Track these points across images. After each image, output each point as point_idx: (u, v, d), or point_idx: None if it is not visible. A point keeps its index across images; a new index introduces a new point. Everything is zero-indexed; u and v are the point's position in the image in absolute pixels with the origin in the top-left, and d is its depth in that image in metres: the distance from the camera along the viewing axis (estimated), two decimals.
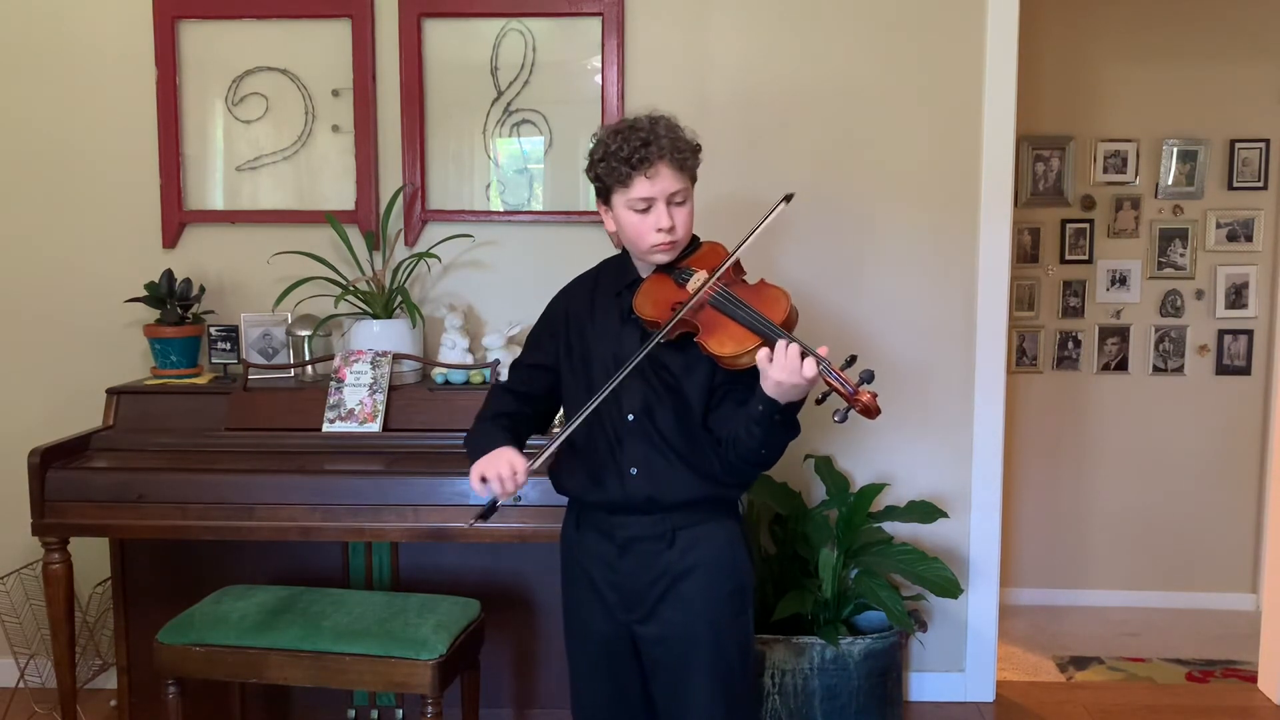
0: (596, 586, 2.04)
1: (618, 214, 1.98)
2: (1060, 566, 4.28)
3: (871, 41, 3.19)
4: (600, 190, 2.00)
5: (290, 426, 2.91)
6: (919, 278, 3.26)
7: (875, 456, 3.31)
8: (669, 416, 1.96)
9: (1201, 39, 4.06)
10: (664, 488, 1.96)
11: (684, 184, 1.96)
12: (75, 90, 3.28)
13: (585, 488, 2.02)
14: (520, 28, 3.23)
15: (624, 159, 1.90)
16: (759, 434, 1.84)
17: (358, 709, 2.97)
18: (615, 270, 2.10)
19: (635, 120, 1.96)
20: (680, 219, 1.95)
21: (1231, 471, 4.21)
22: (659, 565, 1.98)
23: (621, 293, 2.03)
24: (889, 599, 2.89)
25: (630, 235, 1.98)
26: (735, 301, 1.89)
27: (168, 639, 2.51)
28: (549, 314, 2.15)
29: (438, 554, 2.98)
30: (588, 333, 2.03)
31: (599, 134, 1.99)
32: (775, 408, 1.80)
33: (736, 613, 2.03)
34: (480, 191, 3.31)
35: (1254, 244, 4.14)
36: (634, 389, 1.96)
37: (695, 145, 1.98)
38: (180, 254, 3.31)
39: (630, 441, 1.97)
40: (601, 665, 2.07)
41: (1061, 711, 3.32)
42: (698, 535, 1.99)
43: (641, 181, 1.91)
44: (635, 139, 1.91)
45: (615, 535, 2.01)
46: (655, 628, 2.00)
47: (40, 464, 2.69)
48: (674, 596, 1.98)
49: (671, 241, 1.95)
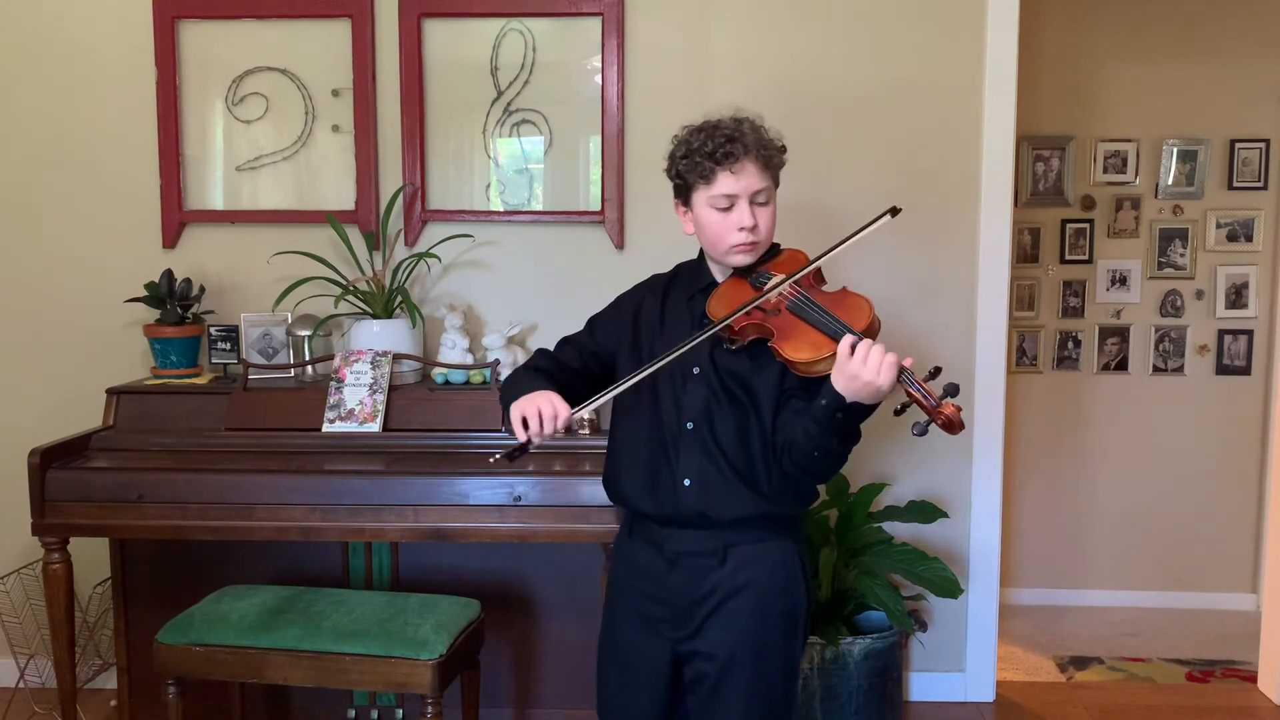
0: (641, 599, 1.99)
1: (698, 213, 1.94)
2: (1060, 566, 4.28)
3: (871, 41, 3.20)
4: (680, 189, 1.96)
5: (290, 426, 2.91)
6: (919, 278, 3.26)
7: (875, 456, 3.31)
8: (729, 427, 1.90)
9: (1201, 39, 4.07)
10: (716, 503, 1.90)
11: (768, 183, 1.92)
12: (75, 90, 3.28)
13: (637, 496, 1.97)
14: (520, 28, 3.23)
15: (709, 154, 1.87)
16: (816, 433, 1.78)
17: (358, 709, 2.97)
18: (691, 273, 2.05)
19: (719, 119, 1.93)
20: (763, 219, 1.92)
21: (1231, 471, 4.21)
22: (709, 582, 1.92)
23: (695, 296, 1.99)
24: (889, 599, 2.89)
25: (710, 235, 1.93)
26: (814, 306, 1.85)
27: (168, 639, 2.51)
28: (619, 305, 2.11)
29: (438, 554, 2.98)
30: (656, 335, 1.99)
31: (680, 133, 1.96)
32: (839, 404, 1.73)
33: (787, 636, 1.96)
34: (480, 191, 3.31)
35: (1254, 244, 4.14)
36: (697, 395, 1.92)
37: (781, 145, 1.95)
38: (180, 254, 3.31)
39: (687, 451, 1.92)
40: (633, 679, 2.01)
41: (1061, 711, 3.32)
42: (752, 553, 1.93)
43: (726, 177, 1.87)
44: (720, 135, 1.88)
45: (664, 548, 1.95)
46: (701, 644, 1.94)
47: (40, 464, 2.69)
48: (723, 614, 1.92)
49: (753, 242, 1.91)
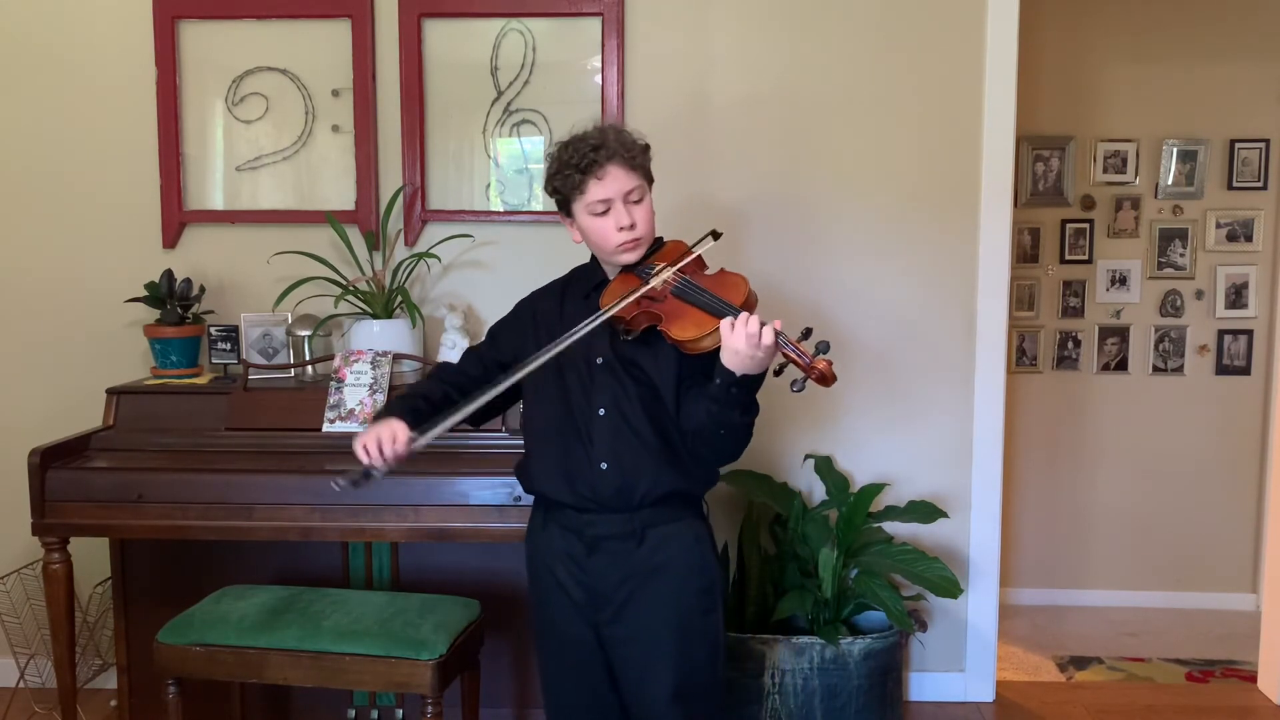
0: (564, 585, 2.06)
1: (581, 223, 2.04)
2: (1060, 566, 4.28)
3: (871, 41, 3.19)
4: (561, 203, 2.06)
5: (290, 426, 2.91)
6: (919, 278, 3.26)
7: (875, 456, 3.31)
8: (639, 409, 1.99)
9: (1201, 39, 4.07)
10: (633, 479, 1.98)
11: (638, 182, 2.02)
12: (75, 90, 3.28)
13: (555, 486, 2.04)
14: (520, 28, 3.23)
15: (575, 165, 1.98)
16: (715, 411, 1.88)
17: (358, 709, 2.96)
18: (584, 275, 2.17)
19: (584, 131, 2.03)
20: (640, 216, 2.01)
21: (1231, 471, 4.21)
22: (628, 564, 2.01)
23: (590, 294, 2.08)
24: (889, 599, 2.89)
25: (596, 240, 2.04)
26: (696, 288, 1.94)
27: (168, 639, 2.51)
28: (516, 313, 2.21)
29: (438, 554, 2.98)
30: (557, 334, 2.04)
31: (551, 150, 2.06)
32: (732, 379, 1.83)
33: (706, 611, 2.05)
34: (480, 191, 3.31)
35: (1254, 244, 4.14)
36: (604, 386, 2.01)
37: (644, 144, 2.05)
38: (180, 254, 3.31)
39: (600, 435, 2.00)
40: (572, 665, 2.09)
41: (1061, 711, 3.32)
42: (667, 534, 2.03)
43: (595, 184, 1.98)
44: (584, 146, 1.99)
45: (584, 533, 2.03)
46: (622, 628, 2.02)
47: (40, 464, 2.69)
48: (642, 595, 2.01)
49: (635, 239, 2.01)
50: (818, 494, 3.28)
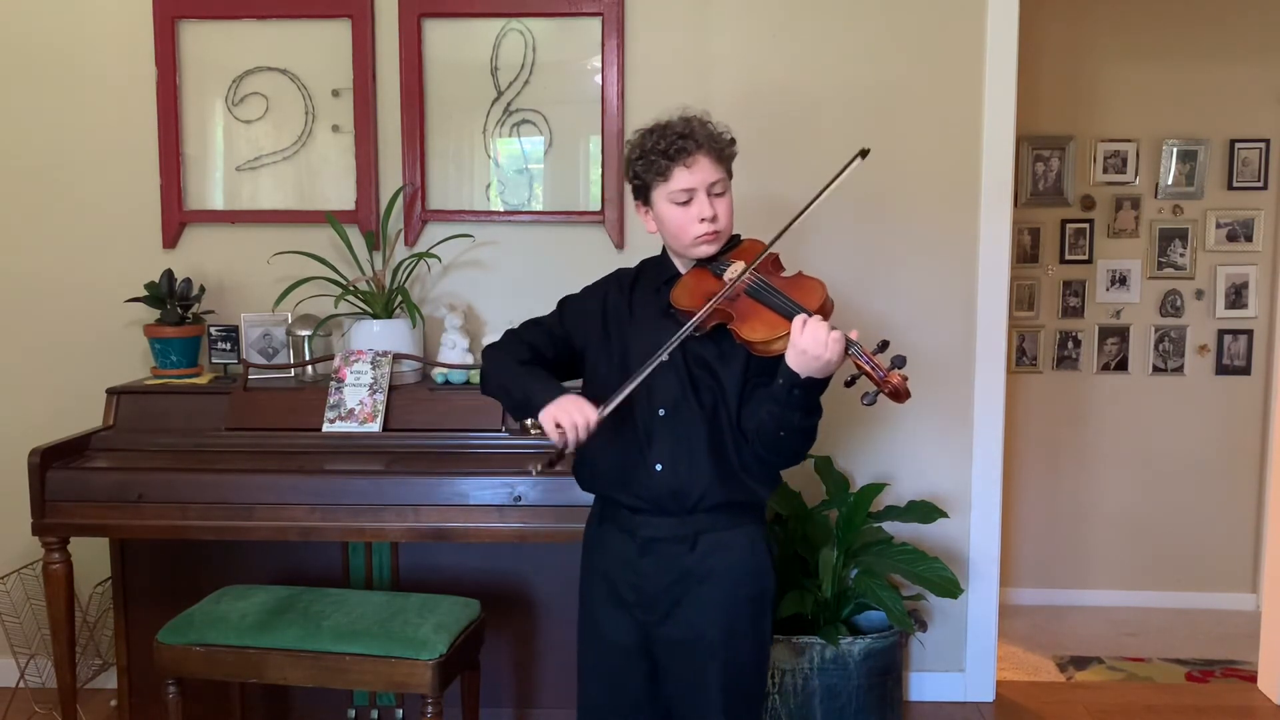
0: (614, 585, 2.03)
1: (659, 210, 1.99)
2: (1060, 566, 4.28)
3: (871, 41, 3.20)
4: (639, 189, 2.01)
5: (290, 426, 2.91)
6: (919, 278, 3.26)
7: (875, 456, 3.31)
8: (700, 413, 1.95)
9: (1201, 39, 4.07)
10: (688, 484, 1.95)
11: (722, 174, 1.98)
12: (75, 90, 3.28)
13: (610, 484, 2.02)
14: (520, 28, 3.23)
15: (662, 152, 1.93)
16: (777, 412, 1.84)
17: (358, 709, 2.97)
18: (655, 268, 2.10)
19: (669, 119, 1.99)
20: (722, 208, 1.97)
21: (1231, 471, 4.21)
22: (679, 567, 1.98)
23: (660, 288, 2.03)
24: (889, 599, 2.89)
25: (673, 229, 1.98)
26: (770, 289, 1.90)
27: (168, 639, 2.51)
28: (586, 296, 2.13)
29: (438, 554, 2.98)
30: (626, 327, 2.03)
31: (633, 137, 2.01)
32: (794, 379, 1.80)
33: (756, 617, 2.03)
34: (480, 191, 3.31)
35: (1254, 244, 4.14)
36: (667, 382, 1.96)
37: (730, 137, 2.01)
38: (180, 254, 3.31)
39: (659, 436, 1.97)
40: (611, 665, 2.07)
41: (1061, 711, 3.32)
42: (720, 539, 1.99)
43: (681, 172, 1.93)
44: (672, 133, 1.95)
45: (636, 534, 2.00)
46: (672, 629, 2.00)
47: (40, 464, 2.69)
48: (693, 599, 1.98)
49: (715, 231, 1.96)
50: (818, 494, 3.28)
